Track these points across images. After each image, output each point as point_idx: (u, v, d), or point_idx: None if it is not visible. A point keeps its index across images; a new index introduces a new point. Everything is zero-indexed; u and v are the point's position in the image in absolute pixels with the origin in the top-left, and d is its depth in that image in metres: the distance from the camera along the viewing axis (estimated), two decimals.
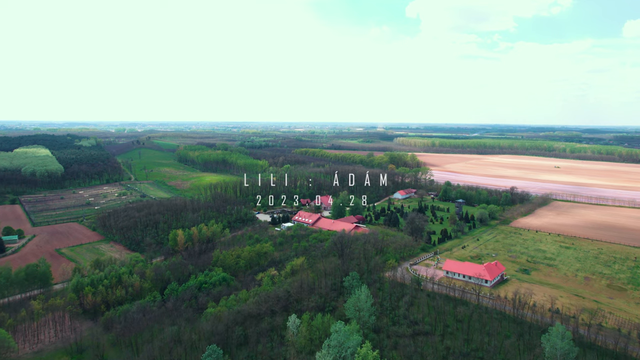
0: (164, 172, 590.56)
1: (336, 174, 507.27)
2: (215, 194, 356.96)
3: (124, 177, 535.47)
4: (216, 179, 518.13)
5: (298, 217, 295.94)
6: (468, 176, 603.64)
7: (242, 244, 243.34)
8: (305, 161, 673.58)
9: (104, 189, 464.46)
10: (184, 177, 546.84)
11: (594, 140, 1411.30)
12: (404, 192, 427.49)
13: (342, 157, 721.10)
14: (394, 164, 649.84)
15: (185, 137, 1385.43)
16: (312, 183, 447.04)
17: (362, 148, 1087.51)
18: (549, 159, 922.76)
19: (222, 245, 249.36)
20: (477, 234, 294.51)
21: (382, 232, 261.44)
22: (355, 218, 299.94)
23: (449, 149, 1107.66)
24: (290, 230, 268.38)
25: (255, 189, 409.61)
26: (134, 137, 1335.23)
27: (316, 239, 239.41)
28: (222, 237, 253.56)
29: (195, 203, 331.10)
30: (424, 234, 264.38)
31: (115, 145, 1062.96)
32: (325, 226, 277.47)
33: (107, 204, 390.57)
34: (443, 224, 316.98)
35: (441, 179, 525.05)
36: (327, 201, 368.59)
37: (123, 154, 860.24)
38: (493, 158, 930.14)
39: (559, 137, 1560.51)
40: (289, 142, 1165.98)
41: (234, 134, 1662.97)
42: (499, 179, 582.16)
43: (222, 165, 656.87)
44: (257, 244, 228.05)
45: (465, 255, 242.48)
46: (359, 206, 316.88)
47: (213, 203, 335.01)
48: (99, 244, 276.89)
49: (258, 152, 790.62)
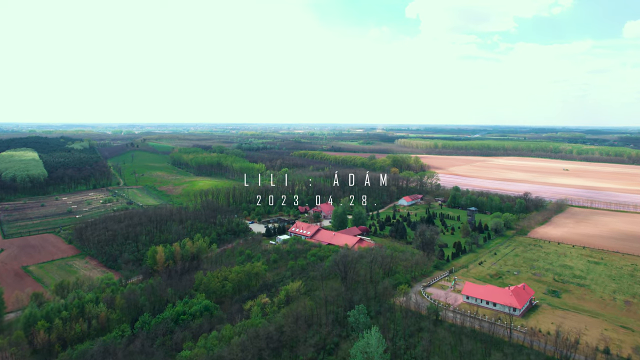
0: (156, 177, 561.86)
1: (336, 178, 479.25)
2: (204, 203, 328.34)
3: (112, 181, 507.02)
4: (209, 184, 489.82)
5: (295, 229, 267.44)
6: (475, 180, 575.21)
7: (231, 262, 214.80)
8: (304, 164, 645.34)
9: (90, 195, 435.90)
10: (176, 182, 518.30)
11: (598, 142, 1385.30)
12: (410, 198, 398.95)
13: (343, 160, 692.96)
14: (396, 167, 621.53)
15: (181, 139, 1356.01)
16: (311, 188, 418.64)
17: (363, 150, 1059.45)
18: (555, 160, 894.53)
19: (208, 262, 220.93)
20: (493, 246, 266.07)
21: (389, 246, 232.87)
22: (358, 229, 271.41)
23: (452, 150, 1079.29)
24: (287, 244, 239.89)
25: (250, 195, 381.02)
26: (130, 139, 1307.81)
27: (315, 256, 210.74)
28: (209, 252, 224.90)
29: (183, 212, 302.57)
30: (436, 248, 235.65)
31: (109, 147, 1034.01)
32: (325, 239, 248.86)
33: (90, 212, 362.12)
34: (455, 235, 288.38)
35: (447, 183, 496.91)
36: (327, 209, 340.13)
37: (116, 156, 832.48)
38: (498, 160, 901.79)
39: (562, 138, 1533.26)
40: (287, 144, 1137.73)
41: (232, 136, 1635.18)
42: (508, 182, 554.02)
43: (217, 168, 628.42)
44: (248, 262, 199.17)
45: (484, 274, 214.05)
46: (362, 215, 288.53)
47: (202, 212, 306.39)
48: (73, 259, 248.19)
49: (255, 154, 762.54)
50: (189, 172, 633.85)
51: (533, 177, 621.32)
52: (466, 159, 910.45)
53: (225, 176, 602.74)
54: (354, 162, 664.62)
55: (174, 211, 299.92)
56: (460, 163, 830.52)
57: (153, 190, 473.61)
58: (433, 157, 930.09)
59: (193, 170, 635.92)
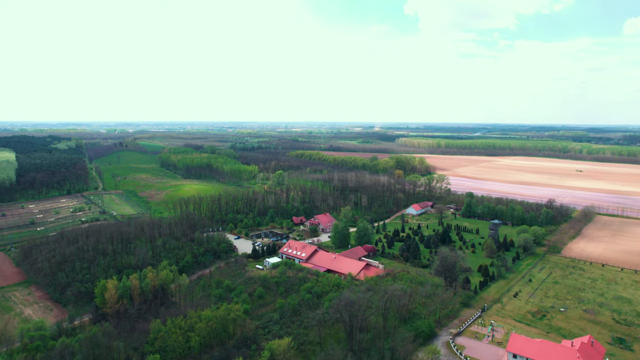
0: (139, 180, 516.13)
1: (336, 183, 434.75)
2: (183, 215, 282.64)
3: (89, 186, 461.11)
4: (196, 189, 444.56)
5: (287, 249, 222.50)
6: (485, 183, 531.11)
7: (204, 297, 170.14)
8: (300, 166, 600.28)
9: (61, 202, 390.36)
10: (160, 186, 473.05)
11: (602, 140, 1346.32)
12: (419, 207, 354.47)
13: (342, 161, 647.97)
14: (400, 168, 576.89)
15: (175, 138, 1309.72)
16: (308, 194, 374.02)
17: (363, 149, 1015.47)
18: (565, 161, 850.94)
19: (177, 297, 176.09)
20: (524, 269, 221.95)
21: (404, 276, 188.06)
22: (363, 249, 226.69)
23: (455, 150, 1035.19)
24: (276, 270, 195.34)
25: (237, 203, 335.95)
26: (122, 138, 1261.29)
27: (310, 293, 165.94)
28: (179, 282, 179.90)
29: (157, 227, 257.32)
30: (460, 274, 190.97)
31: (98, 147, 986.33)
32: (323, 264, 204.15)
33: (55, 223, 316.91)
34: (477, 255, 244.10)
35: (457, 186, 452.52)
36: (325, 221, 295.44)
37: (102, 157, 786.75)
38: (505, 160, 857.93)
39: (566, 137, 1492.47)
40: (284, 143, 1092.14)
41: (228, 135, 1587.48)
42: (522, 186, 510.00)
43: (207, 170, 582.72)
44: (224, 303, 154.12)
45: (523, 311, 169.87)
46: (368, 232, 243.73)
47: (180, 226, 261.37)
48: (15, 288, 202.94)
49: (249, 155, 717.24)
50: (177, 174, 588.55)
51: (547, 179, 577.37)
52: (471, 159, 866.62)
53: (216, 179, 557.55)
54: (354, 164, 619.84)
55: (145, 226, 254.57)
56: (466, 163, 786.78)
57: (133, 196, 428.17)
58: (437, 157, 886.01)
59: (181, 172, 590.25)
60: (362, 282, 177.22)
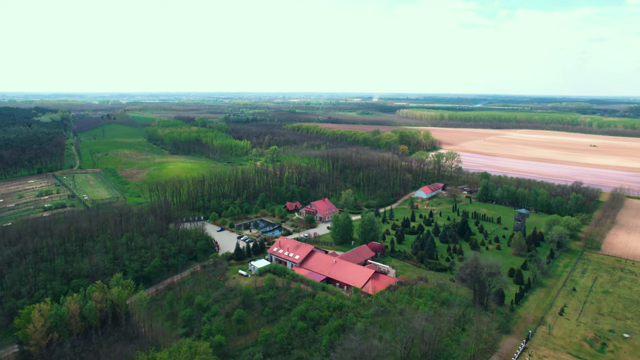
0: (121, 156, 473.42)
1: (335, 160, 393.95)
2: (157, 203, 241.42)
3: (64, 164, 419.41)
4: (181, 167, 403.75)
5: (278, 249, 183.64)
6: (496, 159, 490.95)
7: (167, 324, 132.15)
8: (297, 140, 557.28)
9: (29, 184, 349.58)
10: (142, 164, 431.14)
11: (608, 112, 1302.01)
12: (430, 189, 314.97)
13: (342, 135, 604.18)
14: (404, 143, 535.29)
15: (167, 110, 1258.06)
16: (304, 174, 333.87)
17: (363, 121, 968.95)
18: (575, 134, 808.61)
19: (136, 318, 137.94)
20: (562, 271, 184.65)
21: (422, 289, 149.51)
22: (369, 249, 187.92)
23: (459, 122, 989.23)
24: (263, 279, 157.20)
25: (223, 186, 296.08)
26: (113, 110, 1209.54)
27: (304, 320, 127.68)
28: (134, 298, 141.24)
29: (125, 217, 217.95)
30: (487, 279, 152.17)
31: (85, 120, 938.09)
32: (321, 270, 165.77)
33: (14, 210, 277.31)
34: (502, 252, 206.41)
35: (467, 163, 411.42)
36: (323, 208, 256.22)
37: (88, 130, 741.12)
38: (512, 134, 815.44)
39: (569, 109, 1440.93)
40: (281, 115, 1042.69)
41: (224, 106, 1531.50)
42: (536, 163, 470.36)
43: (197, 145, 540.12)
44: (187, 339, 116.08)
45: (577, 339, 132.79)
46: (375, 226, 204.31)
47: (152, 217, 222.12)
48: None
49: (242, 128, 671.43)
50: (164, 149, 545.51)
51: (562, 155, 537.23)
52: (477, 132, 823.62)
53: (205, 154, 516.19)
54: (354, 138, 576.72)
55: (111, 218, 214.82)
56: (472, 137, 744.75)
57: (111, 175, 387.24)
58: (441, 129, 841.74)
59: (169, 147, 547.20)
60: (371, 300, 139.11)
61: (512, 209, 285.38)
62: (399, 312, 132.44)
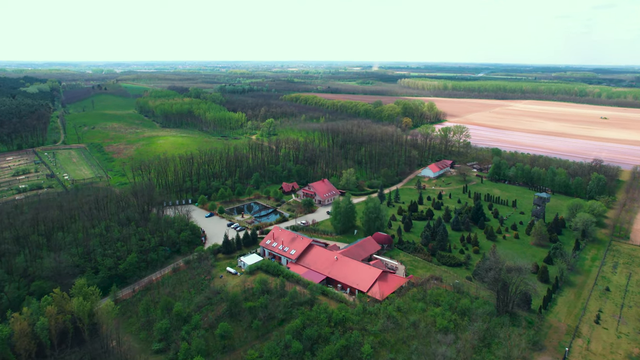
0: (109, 130, 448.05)
1: (335, 135, 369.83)
2: (138, 186, 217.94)
3: (47, 139, 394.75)
4: (172, 142, 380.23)
5: (271, 242, 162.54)
6: (505, 133, 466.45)
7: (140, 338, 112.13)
8: (295, 113, 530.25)
9: (7, 161, 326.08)
10: (131, 138, 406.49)
11: (614, 82, 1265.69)
12: (437, 167, 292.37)
13: (342, 107, 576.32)
14: (408, 115, 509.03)
15: (161, 79, 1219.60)
16: (302, 150, 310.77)
17: (363, 91, 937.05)
18: (584, 105, 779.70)
19: (105, 329, 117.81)
20: (591, 266, 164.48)
21: (438, 294, 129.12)
22: (375, 241, 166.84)
23: (463, 92, 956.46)
24: (254, 278, 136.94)
25: (214, 164, 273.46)
26: (106, 80, 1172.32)
27: (300, 338, 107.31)
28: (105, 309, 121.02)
29: (103, 202, 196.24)
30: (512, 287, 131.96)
31: (75, 90, 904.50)
32: (320, 268, 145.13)
33: None
34: (521, 241, 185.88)
35: (474, 137, 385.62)
36: (323, 190, 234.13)
37: (77, 102, 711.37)
38: (518, 105, 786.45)
39: (574, 79, 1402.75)
40: (278, 84, 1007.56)
41: (220, 75, 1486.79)
42: (546, 137, 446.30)
43: (189, 117, 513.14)
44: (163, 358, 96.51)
45: (620, 356, 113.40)
46: (381, 214, 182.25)
47: (132, 202, 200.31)
48: None
49: (237, 99, 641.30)
50: (156, 122, 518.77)
51: (572, 128, 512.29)
52: (482, 104, 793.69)
53: (199, 127, 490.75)
54: (355, 109, 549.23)
55: (86, 204, 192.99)
56: (477, 108, 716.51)
57: (97, 151, 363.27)
58: (444, 100, 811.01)
59: (160, 120, 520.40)
60: (379, 309, 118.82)
61: (526, 189, 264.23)
62: (413, 324, 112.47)
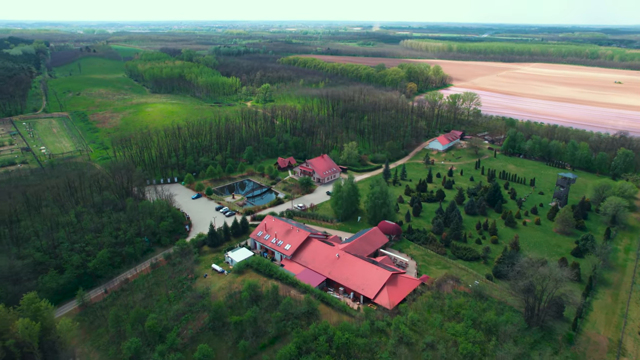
0: (95, 96, 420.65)
1: (336, 102, 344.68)
2: (117, 167, 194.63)
3: (27, 107, 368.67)
4: (161, 109, 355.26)
5: (263, 234, 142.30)
6: (515, 100, 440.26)
7: None
8: (292, 77, 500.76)
9: None
10: (118, 105, 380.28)
11: (625, 43, 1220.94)
12: (447, 139, 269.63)
13: (342, 70, 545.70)
14: (412, 80, 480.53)
15: (154, 41, 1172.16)
16: (300, 119, 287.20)
17: (364, 53, 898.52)
18: (595, 69, 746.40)
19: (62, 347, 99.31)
20: (625, 260, 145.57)
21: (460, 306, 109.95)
22: (381, 233, 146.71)
23: (468, 55, 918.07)
24: (242, 278, 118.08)
25: (204, 136, 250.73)
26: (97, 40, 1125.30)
27: None
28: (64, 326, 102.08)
29: (73, 185, 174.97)
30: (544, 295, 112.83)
31: (63, 52, 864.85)
32: (319, 267, 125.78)
33: None
34: (543, 227, 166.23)
35: (485, 105, 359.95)
36: (322, 167, 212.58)
37: (64, 65, 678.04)
38: (526, 68, 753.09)
39: (582, 40, 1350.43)
40: (276, 45, 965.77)
41: (216, 36, 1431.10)
42: (557, 103, 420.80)
43: (181, 82, 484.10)
44: None
45: None
46: (388, 200, 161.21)
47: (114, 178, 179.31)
48: None
49: (232, 62, 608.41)
50: (146, 87, 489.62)
51: (585, 94, 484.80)
52: (488, 67, 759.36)
53: (191, 93, 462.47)
54: (356, 73, 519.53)
55: (54, 188, 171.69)
56: (483, 71, 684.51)
57: (80, 120, 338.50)
58: (449, 62, 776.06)
59: (150, 85, 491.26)
60: (390, 324, 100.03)
61: (543, 165, 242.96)
62: (429, 346, 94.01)
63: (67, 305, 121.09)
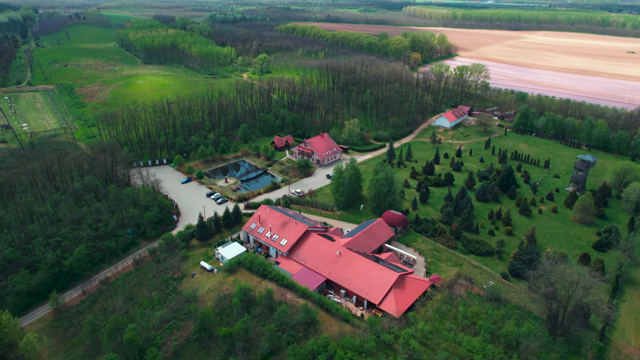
0: (84, 67, 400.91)
1: (336, 74, 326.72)
2: (102, 147, 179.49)
3: (10, 79, 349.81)
4: (152, 82, 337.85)
5: (257, 227, 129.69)
6: (524, 71, 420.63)
7: None
8: (290, 46, 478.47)
9: None
10: (108, 77, 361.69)
11: (636, 9, 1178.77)
12: (454, 115, 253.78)
13: (343, 39, 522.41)
14: (417, 50, 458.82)
15: (148, 7, 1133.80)
16: (299, 95, 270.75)
17: (366, 20, 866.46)
18: (607, 37, 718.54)
19: None
20: None
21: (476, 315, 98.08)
22: (386, 226, 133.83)
23: (473, 22, 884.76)
24: (233, 279, 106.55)
25: (195, 112, 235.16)
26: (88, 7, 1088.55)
27: None
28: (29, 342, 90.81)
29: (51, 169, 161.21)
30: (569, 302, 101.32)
31: (52, 19, 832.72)
32: (319, 267, 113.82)
33: None
34: (560, 215, 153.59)
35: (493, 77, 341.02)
36: (321, 148, 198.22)
37: (52, 33, 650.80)
38: (534, 37, 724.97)
39: (592, 6, 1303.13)
40: (274, 12, 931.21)
41: (212, 3, 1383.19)
42: (569, 75, 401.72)
43: (174, 52, 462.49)
44: None
45: None
46: (393, 186, 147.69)
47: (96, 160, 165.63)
48: None
49: (228, 31, 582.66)
50: (137, 57, 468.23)
51: (597, 65, 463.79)
52: (494, 35, 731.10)
53: (185, 63, 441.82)
54: (358, 42, 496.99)
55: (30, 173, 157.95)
56: (489, 40, 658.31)
57: (67, 94, 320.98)
58: (453, 30, 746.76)
59: (142, 55, 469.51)
60: (398, 336, 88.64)
61: (557, 143, 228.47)
62: None
63: (40, 309, 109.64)
